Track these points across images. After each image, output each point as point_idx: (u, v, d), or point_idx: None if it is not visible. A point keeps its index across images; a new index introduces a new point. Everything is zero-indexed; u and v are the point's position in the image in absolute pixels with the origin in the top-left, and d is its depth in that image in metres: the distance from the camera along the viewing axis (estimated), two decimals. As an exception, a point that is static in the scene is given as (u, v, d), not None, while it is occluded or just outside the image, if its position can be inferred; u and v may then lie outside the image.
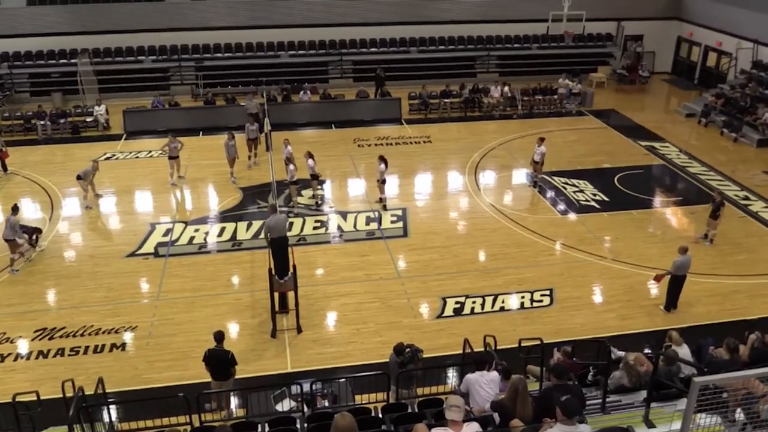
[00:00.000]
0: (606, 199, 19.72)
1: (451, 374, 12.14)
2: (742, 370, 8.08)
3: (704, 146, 24.28)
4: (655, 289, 14.93)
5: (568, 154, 22.99)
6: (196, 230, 17.76)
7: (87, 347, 13.06)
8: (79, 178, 18.74)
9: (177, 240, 17.23)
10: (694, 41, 32.16)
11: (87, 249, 16.92)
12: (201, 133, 24.70)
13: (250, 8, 29.54)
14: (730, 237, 17.49)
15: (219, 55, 29.25)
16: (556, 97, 28.31)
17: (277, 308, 13.53)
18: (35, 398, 9.54)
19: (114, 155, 22.82)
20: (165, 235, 17.47)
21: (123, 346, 13.15)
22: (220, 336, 10.85)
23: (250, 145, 21.66)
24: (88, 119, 25.34)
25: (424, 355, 11.12)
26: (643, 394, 8.97)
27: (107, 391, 10.72)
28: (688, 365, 9.56)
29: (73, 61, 27.45)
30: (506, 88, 27.79)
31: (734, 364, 9.11)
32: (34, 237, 16.54)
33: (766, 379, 6.96)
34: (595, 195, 19.95)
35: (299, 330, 13.53)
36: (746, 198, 19.87)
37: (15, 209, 15.94)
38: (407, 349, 10.64)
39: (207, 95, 27.17)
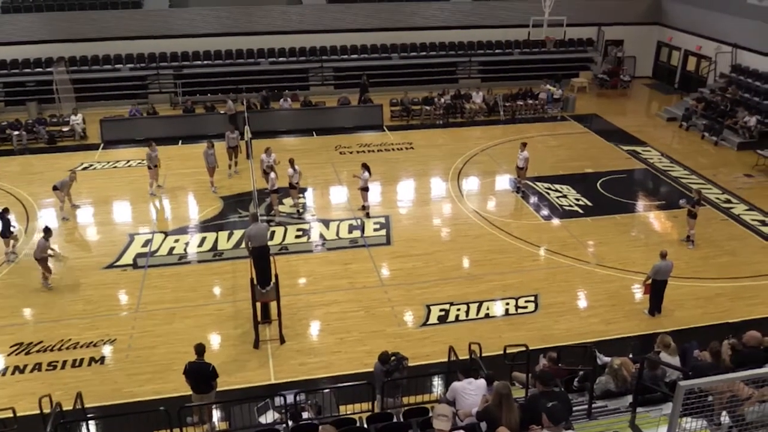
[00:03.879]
0: (589, 203, 19.88)
1: (437, 382, 12.14)
2: (727, 373, 8.14)
3: (686, 150, 24.57)
4: (639, 293, 15.04)
5: (551, 160, 23.15)
6: (176, 240, 17.63)
7: (65, 361, 12.89)
8: (55, 188, 18.54)
9: (156, 251, 17.09)
10: (674, 46, 32.57)
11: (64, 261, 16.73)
12: (180, 141, 24.56)
13: (230, 15, 29.50)
14: (712, 240, 17.69)
15: (198, 62, 29.13)
16: (537, 102, 28.53)
17: (259, 318, 13.47)
18: (11, 415, 9.38)
19: (91, 165, 22.60)
20: (144, 245, 17.32)
21: (102, 359, 12.99)
22: (201, 349, 10.76)
23: (230, 154, 21.57)
24: (65, 129, 25.10)
25: (409, 364, 11.11)
26: (630, 399, 9.02)
27: (86, 406, 10.60)
28: (673, 369, 9.63)
29: (48, 69, 27.17)
30: (482, 93, 28.02)
31: (719, 367, 9.17)
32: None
33: (750, 381, 7.03)
34: (578, 200, 20.10)
35: (282, 340, 13.46)
36: (728, 201, 20.11)
37: (47, 231, 15.40)
38: (392, 358, 10.63)
39: (186, 103, 27.05)
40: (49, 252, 15.36)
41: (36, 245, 15.35)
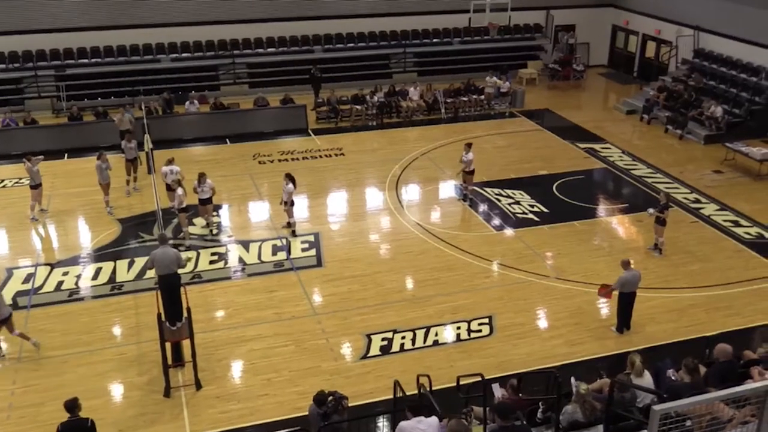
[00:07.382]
0: (545, 210, 20.32)
1: (382, 423, 12.14)
2: (706, 393, 8.40)
3: (648, 146, 25.47)
4: (605, 308, 15.43)
5: (500, 162, 23.60)
6: (65, 273, 17.16)
7: (-70, 427, 12.34)
8: None
9: (41, 287, 16.59)
10: (630, 30, 33.82)
11: (-74, 304, 16.01)
12: (66, 155, 24.01)
13: (121, 4, 28.95)
14: (681, 245, 18.33)
15: (85, 60, 28.56)
16: (483, 97, 29.05)
17: (169, 361, 13.20)
18: None
19: (-43, 187, 21.84)
20: (25, 281, 16.80)
21: (-23, 422, 12.49)
22: (71, 404, 10.38)
23: (128, 168, 21.18)
24: None
25: (350, 404, 11.07)
26: (600, 428, 9.20)
27: (-41, 479, 10.15)
28: (646, 392, 9.88)
29: None
30: (420, 89, 28.46)
31: (696, 387, 9.45)
32: None
33: (731, 401, 7.24)
34: (532, 206, 20.52)
35: (198, 386, 13.23)
36: (697, 201, 20.91)
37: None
38: (330, 398, 10.59)
39: (72, 110, 26.40)
40: None
41: None
